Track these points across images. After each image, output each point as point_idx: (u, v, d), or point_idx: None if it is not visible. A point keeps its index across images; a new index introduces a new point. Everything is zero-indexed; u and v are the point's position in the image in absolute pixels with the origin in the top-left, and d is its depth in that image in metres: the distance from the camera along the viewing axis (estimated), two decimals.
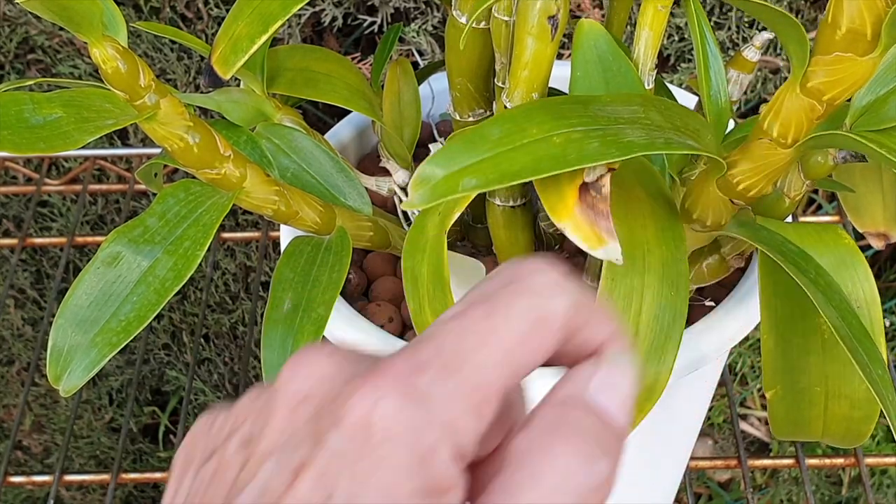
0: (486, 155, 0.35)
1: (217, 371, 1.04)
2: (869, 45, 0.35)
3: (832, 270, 0.42)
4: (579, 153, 0.35)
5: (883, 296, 1.01)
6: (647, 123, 0.38)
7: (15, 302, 1.01)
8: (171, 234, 0.42)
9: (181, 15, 0.86)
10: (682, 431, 0.58)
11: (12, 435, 0.70)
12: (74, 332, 0.40)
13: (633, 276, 0.40)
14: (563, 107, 0.37)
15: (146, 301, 0.41)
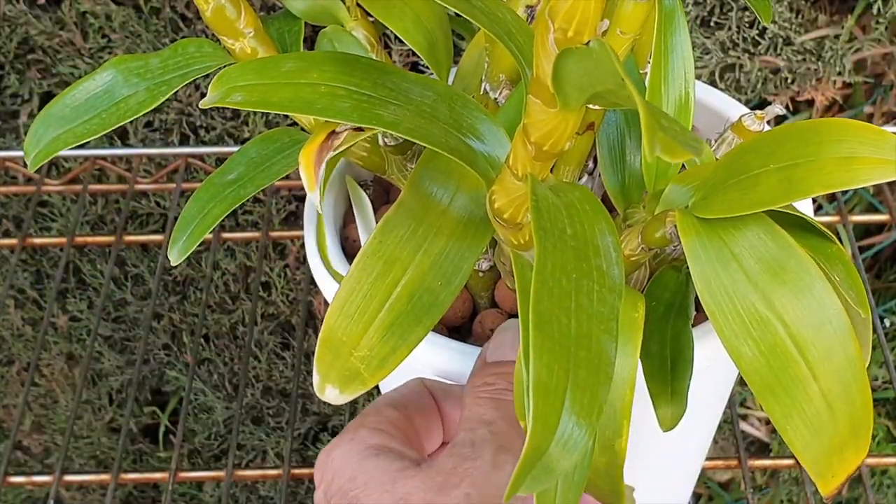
0: (266, 81, 0.38)
1: (217, 371, 1.04)
2: (552, 98, 0.32)
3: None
4: (327, 106, 0.37)
5: (883, 296, 1.01)
6: (425, 110, 0.39)
7: (15, 302, 1.01)
8: (159, 78, 0.45)
9: (181, 15, 0.86)
10: (699, 429, 0.58)
11: (12, 435, 0.70)
12: (53, 123, 0.46)
13: (402, 249, 0.39)
14: (357, 66, 0.39)
15: (106, 122, 0.45)
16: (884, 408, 1.05)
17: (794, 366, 0.36)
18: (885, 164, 0.36)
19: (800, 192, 0.37)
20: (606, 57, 0.29)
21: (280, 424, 1.07)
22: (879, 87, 0.91)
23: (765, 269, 0.37)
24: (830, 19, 0.86)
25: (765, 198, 0.37)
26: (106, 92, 0.45)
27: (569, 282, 0.32)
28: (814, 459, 0.36)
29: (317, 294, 0.99)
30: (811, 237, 0.40)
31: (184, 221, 0.47)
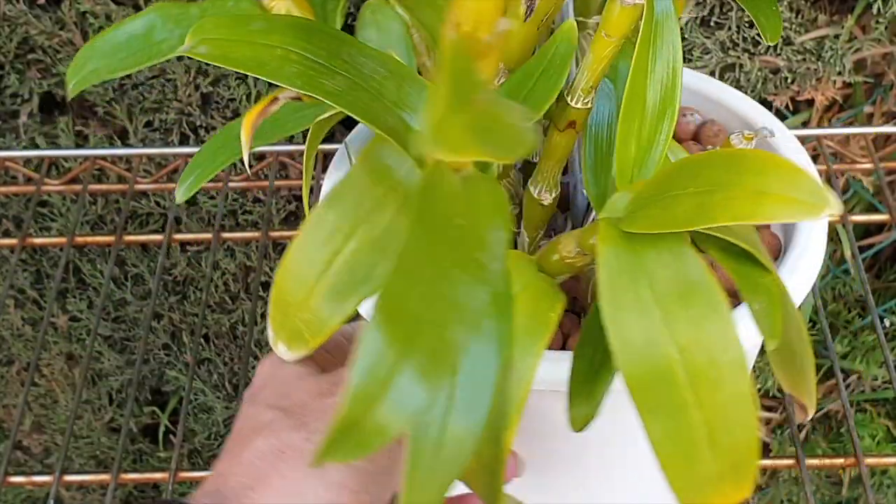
0: (232, 38, 0.40)
1: (217, 371, 1.04)
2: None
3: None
4: (276, 70, 0.39)
5: (883, 296, 1.01)
6: (373, 85, 0.40)
7: (15, 302, 1.01)
8: (193, 22, 0.46)
9: None
10: None
11: (12, 435, 0.70)
12: (94, 56, 0.48)
13: (345, 220, 0.39)
14: (317, 35, 0.40)
15: (140, 59, 0.47)
16: (883, 408, 1.05)
17: (681, 391, 0.35)
18: (795, 203, 0.35)
19: (708, 219, 0.36)
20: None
21: None
22: (879, 87, 0.91)
23: (673, 291, 0.37)
24: (830, 19, 0.86)
25: (678, 220, 0.37)
26: (145, 33, 0.47)
27: (434, 270, 0.31)
28: (686, 486, 0.35)
29: None
30: (747, 264, 0.39)
31: (194, 164, 0.50)
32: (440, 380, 0.29)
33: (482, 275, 0.31)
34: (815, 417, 1.05)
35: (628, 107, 0.43)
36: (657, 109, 0.44)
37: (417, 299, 0.30)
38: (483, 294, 0.31)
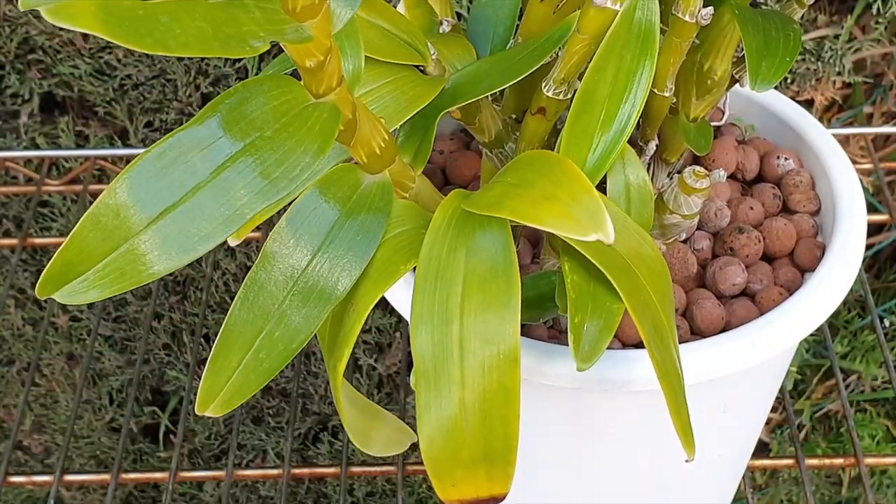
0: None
1: None
2: None
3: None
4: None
5: (882, 296, 1.01)
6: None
7: (15, 302, 1.01)
8: None
9: None
10: (746, 427, 0.58)
11: (12, 435, 0.70)
12: None
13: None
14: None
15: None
16: (883, 407, 1.05)
17: (451, 366, 0.36)
18: (571, 219, 0.35)
19: (496, 209, 0.37)
20: None
21: (280, 424, 1.07)
22: (879, 88, 0.91)
23: (479, 272, 0.37)
24: (830, 19, 0.86)
25: (482, 204, 0.38)
26: None
27: (284, 281, 0.37)
28: (436, 458, 0.35)
29: None
30: (597, 283, 0.40)
31: None
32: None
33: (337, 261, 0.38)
34: (815, 417, 1.05)
35: (579, 111, 0.44)
36: (616, 121, 0.44)
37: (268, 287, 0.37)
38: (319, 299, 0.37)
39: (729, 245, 0.53)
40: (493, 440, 0.36)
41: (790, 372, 1.00)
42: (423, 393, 0.36)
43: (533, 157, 0.39)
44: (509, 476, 0.35)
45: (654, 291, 0.41)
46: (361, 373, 1.02)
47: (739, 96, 0.60)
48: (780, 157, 0.57)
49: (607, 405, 0.50)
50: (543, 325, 0.51)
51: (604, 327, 0.38)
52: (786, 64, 0.45)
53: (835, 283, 0.51)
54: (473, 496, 0.36)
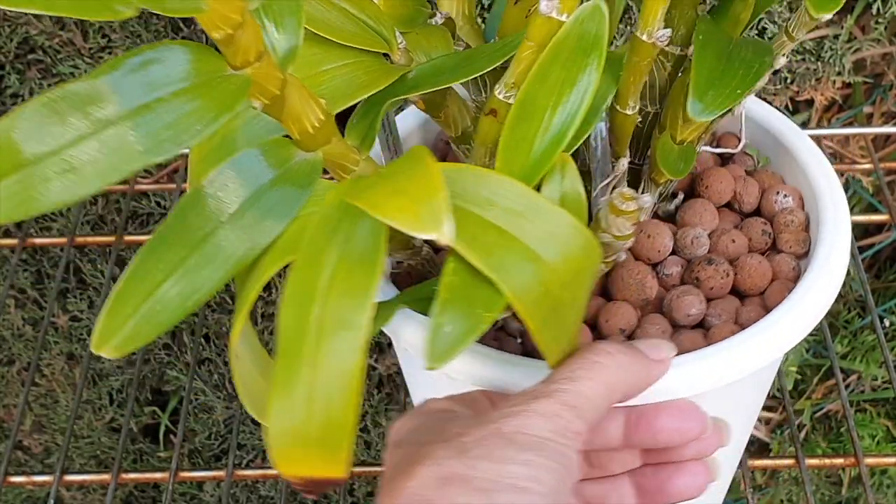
0: None
1: (217, 371, 1.04)
2: None
3: None
4: None
5: (882, 296, 1.01)
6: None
7: (15, 302, 1.01)
8: None
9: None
10: (734, 434, 0.58)
11: (13, 435, 0.70)
12: None
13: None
14: None
15: None
16: (883, 408, 1.05)
17: (307, 347, 0.37)
18: (414, 216, 0.35)
19: (357, 199, 0.38)
20: None
21: None
22: (879, 87, 0.91)
23: (351, 258, 0.38)
24: (830, 19, 0.86)
25: (352, 194, 0.39)
26: None
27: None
28: (277, 433, 0.37)
29: None
30: (475, 280, 0.41)
31: None
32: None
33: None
34: (816, 417, 1.05)
35: (519, 118, 0.44)
36: (554, 124, 0.44)
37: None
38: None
39: (695, 274, 0.52)
40: (330, 422, 0.37)
41: (790, 372, 1.00)
42: (280, 371, 0.37)
43: (411, 153, 0.39)
44: (342, 461, 0.36)
45: (573, 290, 0.42)
46: None
47: (758, 126, 0.59)
48: (780, 193, 0.56)
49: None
50: (515, 340, 0.51)
51: (466, 331, 0.39)
52: (736, 96, 0.45)
53: (801, 314, 0.50)
54: (309, 475, 0.37)
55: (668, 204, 0.56)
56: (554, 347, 0.43)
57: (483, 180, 0.41)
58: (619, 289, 0.52)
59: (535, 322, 0.41)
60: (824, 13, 0.42)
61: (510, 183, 0.41)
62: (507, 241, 0.41)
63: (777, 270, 0.53)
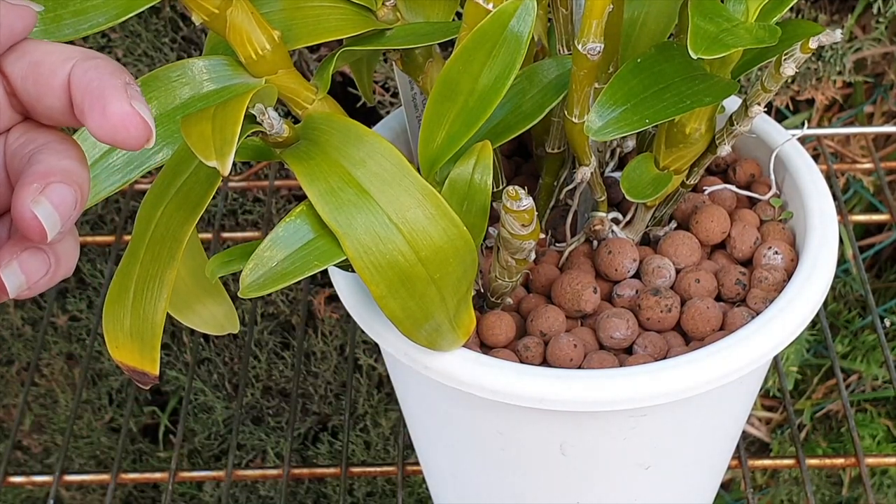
0: None
1: (217, 371, 1.04)
2: None
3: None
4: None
5: (883, 295, 1.01)
6: None
7: (14, 302, 1.01)
8: None
9: (181, 14, 0.86)
10: (722, 438, 0.58)
11: (12, 435, 0.70)
12: None
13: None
14: None
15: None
16: (884, 407, 1.05)
17: (141, 244, 0.42)
18: (202, 140, 0.38)
19: (185, 126, 0.39)
20: None
21: (280, 424, 1.07)
22: (879, 87, 0.91)
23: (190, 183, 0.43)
24: (830, 19, 0.86)
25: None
26: None
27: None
28: (106, 316, 0.42)
29: (317, 294, 0.99)
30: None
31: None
32: None
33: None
34: (816, 417, 1.05)
35: (442, 96, 0.45)
36: (471, 109, 0.45)
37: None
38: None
39: (638, 301, 0.52)
40: (143, 322, 0.41)
41: (791, 372, 1.00)
42: (120, 265, 0.42)
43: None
44: (154, 360, 0.41)
45: (434, 268, 0.43)
46: (361, 372, 1.02)
47: (788, 174, 0.58)
48: (772, 248, 0.54)
49: (582, 423, 0.50)
50: (511, 350, 0.51)
51: (289, 271, 0.42)
52: (643, 125, 0.44)
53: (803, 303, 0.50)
54: (129, 363, 0.42)
55: (659, 230, 0.56)
56: (404, 319, 0.44)
57: (364, 140, 0.43)
58: (556, 293, 0.53)
59: (376, 287, 0.43)
60: (702, 55, 0.42)
61: (389, 149, 0.43)
62: (365, 201, 0.42)
63: (728, 321, 0.52)
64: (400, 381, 0.57)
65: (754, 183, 0.59)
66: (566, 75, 0.48)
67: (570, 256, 0.55)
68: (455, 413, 0.53)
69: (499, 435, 0.52)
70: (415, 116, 0.56)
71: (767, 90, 0.48)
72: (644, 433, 0.51)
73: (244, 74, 0.45)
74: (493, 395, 0.48)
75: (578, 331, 0.52)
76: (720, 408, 0.54)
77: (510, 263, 0.49)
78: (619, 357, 0.51)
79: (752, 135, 0.58)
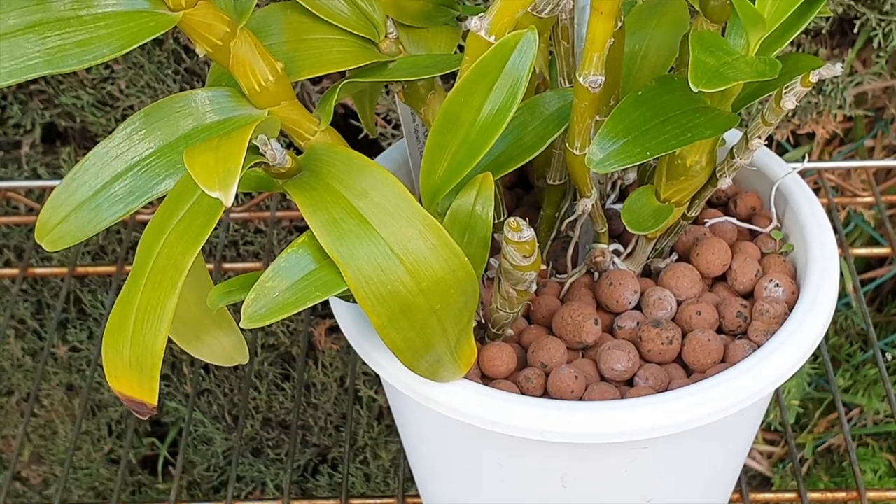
0: None
1: (217, 402, 1.04)
2: None
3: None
4: None
5: (885, 329, 1.01)
6: None
7: (15, 332, 1.01)
8: None
9: (184, 46, 0.86)
10: (724, 471, 0.58)
11: (11, 466, 0.70)
12: None
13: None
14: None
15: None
16: (885, 442, 1.05)
17: (143, 273, 0.42)
18: (204, 169, 0.38)
19: (188, 156, 0.40)
20: None
21: (280, 456, 1.07)
22: (880, 121, 0.91)
23: (192, 212, 0.43)
24: (831, 53, 0.86)
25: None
26: None
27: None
28: (106, 347, 0.42)
29: (317, 325, 0.99)
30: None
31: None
32: None
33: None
34: (818, 451, 1.04)
35: (444, 127, 0.45)
36: (473, 140, 0.45)
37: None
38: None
39: (639, 333, 0.52)
40: (143, 351, 0.41)
41: (792, 405, 1.00)
42: (121, 294, 0.42)
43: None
44: (153, 390, 0.41)
45: (435, 299, 0.43)
46: (361, 404, 1.02)
47: (789, 207, 0.58)
48: (773, 281, 0.54)
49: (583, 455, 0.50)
50: (512, 382, 0.51)
51: (291, 301, 0.43)
52: (644, 157, 0.44)
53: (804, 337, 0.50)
54: (127, 393, 0.42)
55: (660, 262, 0.56)
56: (405, 350, 0.44)
57: (366, 171, 0.43)
58: (557, 325, 0.53)
59: (378, 317, 0.43)
60: (702, 88, 0.42)
61: (391, 180, 0.43)
62: (367, 231, 0.42)
63: (730, 354, 0.52)
64: (400, 412, 0.57)
65: (755, 215, 0.59)
66: (567, 108, 0.48)
67: (571, 288, 0.55)
68: (455, 444, 0.53)
69: (499, 466, 0.52)
70: (416, 148, 0.57)
71: (768, 123, 0.48)
72: (645, 466, 0.51)
73: (247, 106, 0.45)
74: (494, 427, 0.48)
75: (579, 362, 0.52)
76: (721, 440, 0.54)
77: (511, 294, 0.49)
78: (621, 389, 0.51)
79: (753, 168, 0.58)
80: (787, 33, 0.46)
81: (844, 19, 0.85)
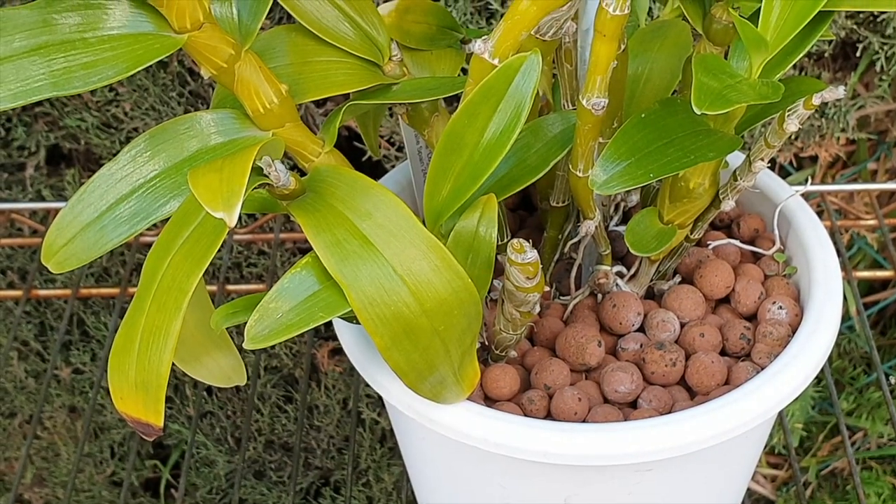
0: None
1: (220, 424, 1.04)
2: None
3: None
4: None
5: (888, 353, 1.01)
6: None
7: (18, 354, 1.01)
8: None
9: (188, 69, 0.86)
10: (727, 493, 0.58)
11: (14, 488, 0.70)
12: None
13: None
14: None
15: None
16: (889, 465, 1.04)
17: (147, 293, 0.43)
18: (208, 190, 0.38)
19: (192, 177, 0.40)
20: None
21: (282, 479, 1.06)
22: (883, 144, 0.91)
23: (196, 235, 0.43)
24: (833, 76, 0.86)
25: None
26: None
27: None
28: (112, 370, 0.42)
29: (320, 347, 0.99)
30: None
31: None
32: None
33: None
34: (821, 475, 1.04)
35: (447, 149, 0.45)
36: (476, 162, 0.45)
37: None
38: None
39: (643, 355, 0.52)
40: (148, 373, 0.41)
41: (796, 429, 1.00)
42: (126, 316, 0.42)
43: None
44: (159, 412, 0.41)
45: (438, 320, 0.43)
46: (364, 427, 1.01)
47: (792, 229, 0.58)
48: (776, 304, 0.54)
49: (586, 477, 0.50)
50: (515, 403, 0.51)
51: (294, 322, 0.43)
52: (647, 179, 0.44)
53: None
54: (133, 415, 0.42)
55: (664, 284, 0.56)
56: (408, 371, 0.44)
57: (370, 192, 0.43)
58: (560, 347, 0.53)
59: (381, 339, 0.43)
60: (705, 111, 0.42)
61: (394, 202, 0.43)
62: (370, 253, 0.42)
63: (733, 376, 0.52)
64: (403, 433, 0.57)
65: (758, 238, 0.59)
66: (571, 130, 0.48)
67: (574, 310, 0.55)
68: (459, 466, 0.53)
69: (502, 489, 0.52)
70: (420, 170, 0.57)
71: (771, 146, 0.48)
72: (649, 488, 0.51)
73: (251, 127, 0.45)
74: (497, 449, 0.48)
75: (583, 384, 0.52)
76: (725, 463, 0.54)
77: (514, 316, 0.49)
78: (624, 411, 0.51)
79: (756, 190, 0.58)
80: (789, 56, 0.46)
81: (847, 43, 0.85)
